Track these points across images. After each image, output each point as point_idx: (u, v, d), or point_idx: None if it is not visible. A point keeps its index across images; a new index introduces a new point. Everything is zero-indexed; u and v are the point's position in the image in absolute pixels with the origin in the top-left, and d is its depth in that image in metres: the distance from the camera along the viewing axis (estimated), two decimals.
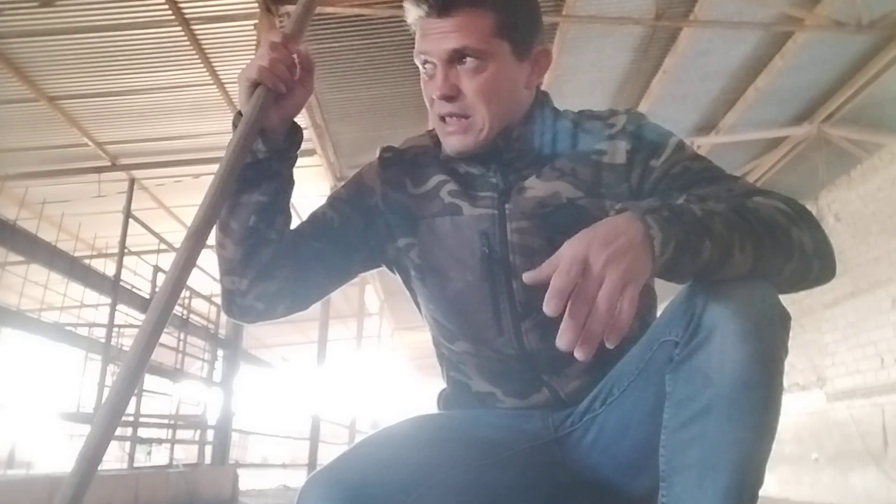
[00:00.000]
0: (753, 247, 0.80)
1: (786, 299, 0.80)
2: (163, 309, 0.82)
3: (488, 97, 0.96)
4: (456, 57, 0.95)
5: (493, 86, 0.96)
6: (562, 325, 0.71)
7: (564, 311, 0.71)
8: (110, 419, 0.79)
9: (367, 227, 1.08)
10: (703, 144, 6.52)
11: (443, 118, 0.99)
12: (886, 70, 5.58)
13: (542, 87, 1.11)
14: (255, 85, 0.95)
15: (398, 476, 0.85)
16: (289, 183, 1.03)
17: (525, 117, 1.03)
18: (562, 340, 0.71)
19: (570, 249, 0.73)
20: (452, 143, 1.00)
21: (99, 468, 0.79)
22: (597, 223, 0.76)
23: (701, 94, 6.13)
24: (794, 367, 7.25)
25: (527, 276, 0.74)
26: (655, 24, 5.00)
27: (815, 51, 5.41)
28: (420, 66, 1.00)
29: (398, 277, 1.13)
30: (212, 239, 0.95)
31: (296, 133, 1.03)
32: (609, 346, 0.71)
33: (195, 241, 0.87)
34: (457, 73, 0.96)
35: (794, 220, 0.84)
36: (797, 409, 6.95)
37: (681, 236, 0.76)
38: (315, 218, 1.08)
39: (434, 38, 0.95)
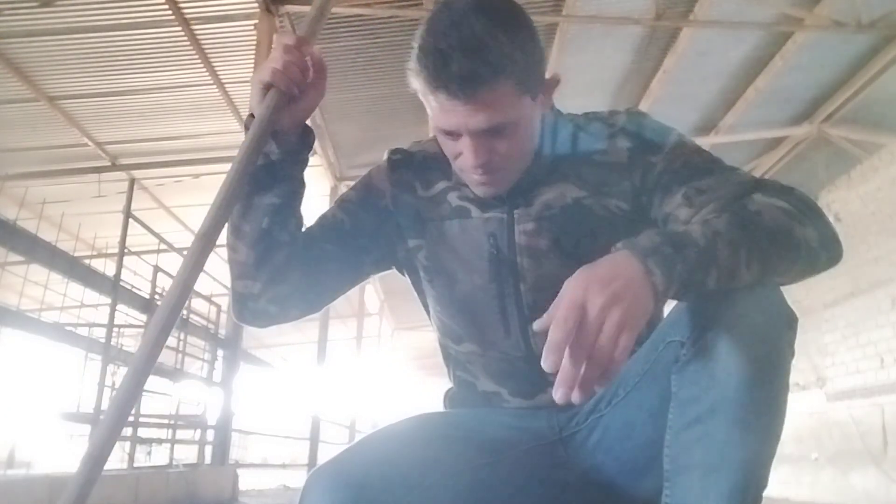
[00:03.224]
0: (760, 261, 0.80)
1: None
2: (172, 309, 0.82)
3: (520, 152, 0.95)
4: (487, 132, 0.90)
5: (524, 141, 0.95)
6: (559, 376, 0.71)
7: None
8: (117, 419, 0.79)
9: (377, 229, 1.08)
10: (702, 144, 6.51)
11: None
12: (886, 70, 5.58)
13: None
14: (268, 87, 0.94)
15: (402, 472, 0.85)
16: (301, 185, 1.03)
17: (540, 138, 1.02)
18: (558, 392, 0.71)
19: (568, 294, 0.73)
20: (483, 191, 0.98)
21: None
22: (596, 262, 0.76)
23: (701, 94, 6.13)
24: (795, 367, 7.11)
25: (536, 325, 0.74)
26: (655, 24, 5.01)
27: (815, 51, 5.42)
28: (437, 129, 0.94)
29: (408, 279, 1.14)
30: (222, 240, 0.95)
31: (308, 135, 1.03)
32: (597, 389, 0.73)
33: (205, 241, 0.87)
34: (487, 140, 0.91)
35: (795, 217, 0.84)
36: (797, 409, 6.95)
37: (684, 276, 0.76)
38: (325, 220, 1.07)
39: (460, 116, 0.88)
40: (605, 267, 0.74)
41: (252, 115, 0.96)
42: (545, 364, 0.71)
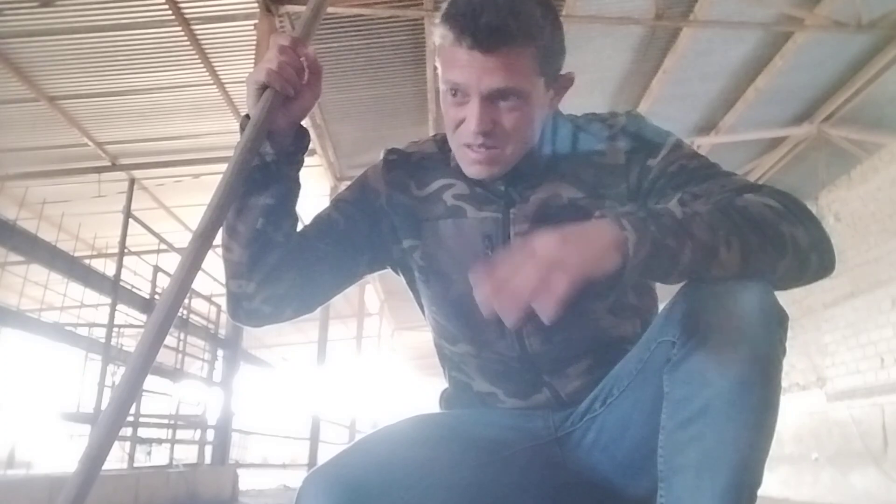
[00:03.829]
0: (740, 244, 0.80)
1: (786, 299, 0.80)
2: (169, 310, 0.82)
3: (522, 132, 0.95)
4: (497, 95, 0.91)
5: (528, 121, 0.95)
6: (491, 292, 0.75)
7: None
8: (115, 419, 0.79)
9: (372, 229, 1.08)
10: (703, 144, 6.53)
11: (468, 145, 0.95)
12: (886, 70, 5.58)
13: None
14: (263, 88, 0.94)
15: (398, 474, 0.86)
16: (296, 186, 1.03)
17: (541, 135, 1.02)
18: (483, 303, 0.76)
19: (531, 239, 0.76)
20: (476, 170, 0.97)
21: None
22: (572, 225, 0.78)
23: (701, 94, 6.13)
24: (794, 367, 7.25)
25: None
26: (655, 24, 5.01)
27: (815, 51, 5.42)
28: (446, 91, 0.94)
29: (402, 279, 1.14)
30: (218, 241, 0.95)
31: (303, 136, 1.03)
32: (509, 321, 0.75)
33: (201, 242, 0.86)
34: (494, 108, 0.91)
35: (784, 215, 0.83)
36: (797, 409, 6.94)
37: (657, 237, 0.77)
38: (320, 220, 1.07)
39: (474, 72, 0.89)
40: (577, 226, 0.78)
41: (247, 116, 0.96)
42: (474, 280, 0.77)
